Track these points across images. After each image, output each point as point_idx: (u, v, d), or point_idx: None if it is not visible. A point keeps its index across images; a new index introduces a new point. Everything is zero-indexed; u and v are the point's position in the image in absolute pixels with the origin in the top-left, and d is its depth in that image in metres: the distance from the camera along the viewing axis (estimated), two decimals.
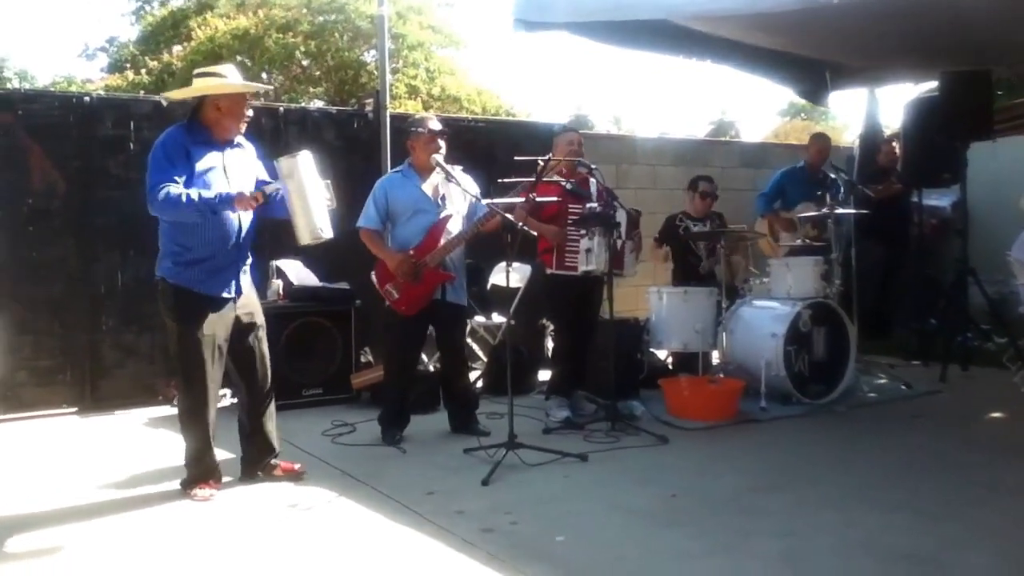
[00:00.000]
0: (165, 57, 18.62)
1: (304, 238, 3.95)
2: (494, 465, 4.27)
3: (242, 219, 4.07)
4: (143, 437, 5.45)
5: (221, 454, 4.59)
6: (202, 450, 4.11)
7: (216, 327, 4.03)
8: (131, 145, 6.36)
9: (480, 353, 6.89)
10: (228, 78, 4.06)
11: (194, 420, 4.09)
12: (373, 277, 5.04)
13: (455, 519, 3.67)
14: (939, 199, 8.73)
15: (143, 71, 18.21)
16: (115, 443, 5.28)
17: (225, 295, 4.07)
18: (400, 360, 5.12)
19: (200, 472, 4.12)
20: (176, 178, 3.82)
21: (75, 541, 3.54)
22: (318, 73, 18.31)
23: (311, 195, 3.92)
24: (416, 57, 18.33)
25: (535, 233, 5.24)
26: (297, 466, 4.38)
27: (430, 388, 5.78)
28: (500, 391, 5.63)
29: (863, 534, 3.44)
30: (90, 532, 3.65)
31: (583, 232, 5.20)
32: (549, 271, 5.39)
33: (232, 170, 4.06)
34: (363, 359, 6.49)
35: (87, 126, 6.26)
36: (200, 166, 3.92)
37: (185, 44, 18.88)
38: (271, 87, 4.70)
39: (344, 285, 6.39)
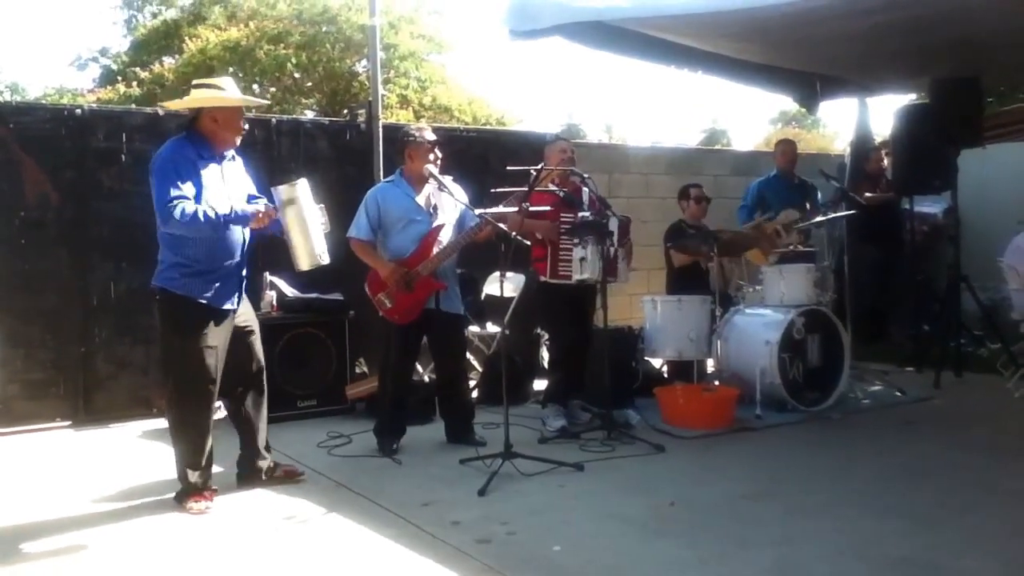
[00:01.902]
0: (156, 68, 18.61)
1: (303, 264, 4.07)
2: (490, 475, 4.26)
3: (245, 233, 4.13)
4: (137, 450, 5.42)
5: (214, 466, 4.58)
6: (198, 462, 4.09)
7: (218, 338, 4.05)
8: (123, 157, 6.36)
9: (475, 363, 6.88)
10: (226, 91, 4.10)
11: (192, 431, 4.08)
12: (366, 287, 5.05)
13: (451, 530, 3.66)
14: (930, 206, 8.76)
15: (134, 83, 18.20)
16: (109, 456, 5.25)
17: (227, 307, 4.09)
18: (394, 370, 5.11)
19: (195, 485, 4.10)
20: (187, 192, 3.84)
21: (68, 555, 3.52)
22: (310, 84, 18.32)
23: (310, 222, 4.02)
24: (407, 66, 18.36)
25: (528, 243, 5.24)
26: (299, 470, 4.47)
27: (426, 398, 5.78)
28: (496, 401, 5.63)
29: (858, 541, 3.44)
30: (84, 546, 3.63)
31: (576, 241, 5.21)
32: (543, 279, 5.39)
33: (230, 183, 4.10)
34: (358, 370, 6.48)
35: (79, 138, 6.26)
36: (204, 179, 3.95)
37: (177, 56, 18.89)
38: (267, 102, 4.77)
39: (338, 296, 6.38)
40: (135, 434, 5.85)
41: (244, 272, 4.21)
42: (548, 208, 5.20)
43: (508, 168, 5.23)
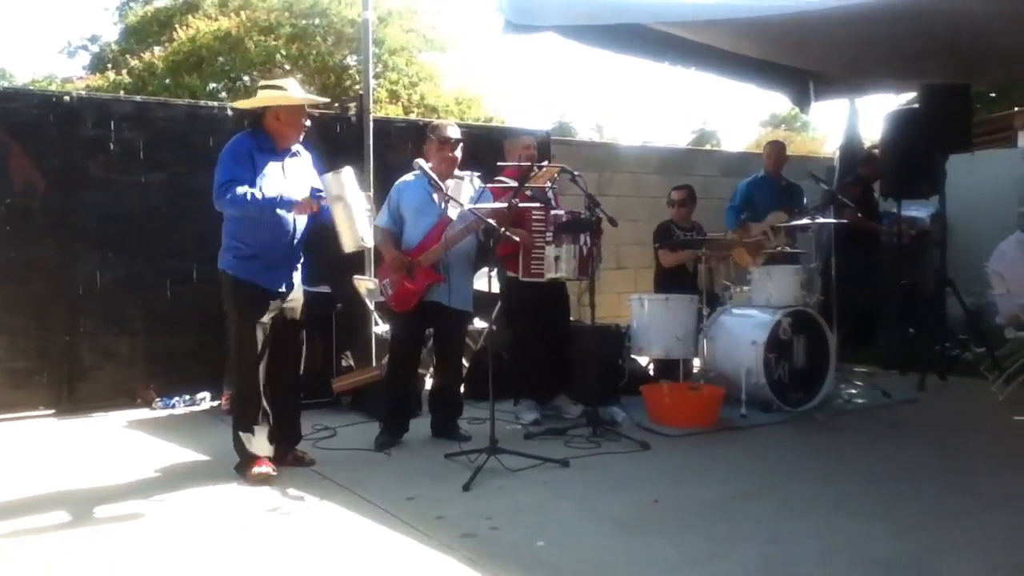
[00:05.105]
0: (147, 57, 18.50)
1: (348, 246, 4.32)
2: (475, 470, 4.25)
3: (296, 222, 4.37)
4: (121, 440, 5.39)
5: (197, 457, 4.58)
6: (251, 429, 4.32)
7: (268, 317, 4.33)
8: (111, 145, 6.33)
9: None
10: (289, 91, 4.40)
11: (247, 400, 4.33)
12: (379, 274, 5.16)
13: (435, 524, 3.66)
14: (918, 210, 8.80)
15: (124, 71, 18.09)
16: (92, 446, 5.22)
17: (278, 290, 4.36)
18: (395, 358, 5.17)
19: (252, 454, 4.32)
20: (240, 177, 4.15)
21: (48, 544, 3.50)
22: (300, 77, 18.26)
23: (355, 207, 4.25)
24: (397, 61, 18.31)
25: (517, 239, 5.24)
26: (307, 456, 4.68)
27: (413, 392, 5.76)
28: (482, 396, 5.63)
29: (844, 541, 3.45)
30: (64, 535, 3.61)
31: (550, 240, 5.21)
32: (510, 275, 5.40)
33: (290, 176, 4.36)
34: (344, 363, 6.46)
35: (67, 125, 6.21)
36: (260, 169, 4.24)
37: (167, 44, 18.79)
38: (327, 100, 4.95)
39: (325, 288, 6.36)
40: (119, 424, 5.82)
41: (296, 259, 4.47)
42: (538, 205, 5.20)
43: (498, 164, 5.24)
